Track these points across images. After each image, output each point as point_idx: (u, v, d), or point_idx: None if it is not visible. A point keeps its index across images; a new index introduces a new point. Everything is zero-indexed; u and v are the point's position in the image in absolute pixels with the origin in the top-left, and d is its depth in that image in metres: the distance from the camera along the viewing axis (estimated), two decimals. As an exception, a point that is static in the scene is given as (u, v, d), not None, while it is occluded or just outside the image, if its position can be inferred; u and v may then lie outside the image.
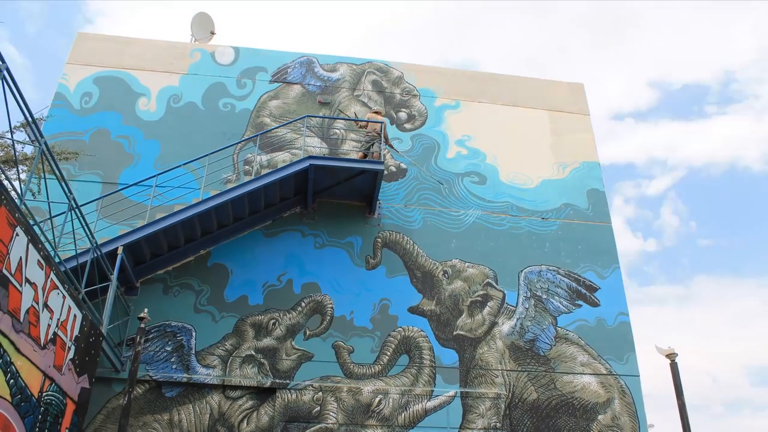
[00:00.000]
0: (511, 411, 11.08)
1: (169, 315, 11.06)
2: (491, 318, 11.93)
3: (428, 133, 13.93)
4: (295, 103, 13.87)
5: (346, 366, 11.09)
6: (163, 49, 14.15)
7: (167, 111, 13.32)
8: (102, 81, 13.47)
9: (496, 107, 14.62)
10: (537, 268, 12.63)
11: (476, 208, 13.12)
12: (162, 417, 10.30)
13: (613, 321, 12.29)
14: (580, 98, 15.13)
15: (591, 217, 13.44)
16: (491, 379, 11.33)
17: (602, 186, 13.92)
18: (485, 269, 12.43)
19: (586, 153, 14.31)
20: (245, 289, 11.52)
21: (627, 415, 11.37)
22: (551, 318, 12.13)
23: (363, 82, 14.41)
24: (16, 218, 6.16)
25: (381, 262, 12.19)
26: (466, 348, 11.59)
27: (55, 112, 12.83)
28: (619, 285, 12.72)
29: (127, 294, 11.01)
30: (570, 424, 11.10)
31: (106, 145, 12.65)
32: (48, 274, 7.05)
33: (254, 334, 11.13)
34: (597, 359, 11.82)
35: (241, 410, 10.53)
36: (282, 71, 14.26)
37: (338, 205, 12.64)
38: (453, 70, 15.13)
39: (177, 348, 10.83)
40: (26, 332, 6.53)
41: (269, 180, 11.25)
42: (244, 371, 10.78)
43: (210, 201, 10.88)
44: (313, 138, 13.37)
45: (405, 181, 13.20)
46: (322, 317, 11.45)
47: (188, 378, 10.58)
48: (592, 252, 12.99)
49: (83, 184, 11.91)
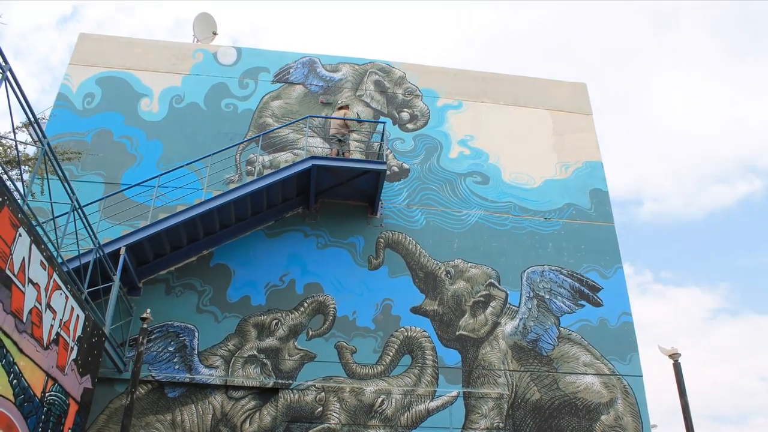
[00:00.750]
0: (513, 411, 11.06)
1: (171, 315, 11.07)
2: (494, 318, 11.91)
3: (431, 133, 13.92)
4: (297, 104, 13.86)
5: (349, 366, 11.08)
6: (165, 50, 14.16)
7: (170, 111, 13.33)
8: (104, 82, 13.48)
9: (499, 107, 14.60)
10: (540, 268, 12.61)
11: (479, 208, 13.10)
12: (164, 417, 10.30)
13: (616, 321, 12.26)
14: (583, 98, 15.11)
15: (594, 217, 13.41)
16: (494, 379, 11.31)
17: (605, 186, 13.89)
18: (488, 269, 12.41)
19: (588, 153, 14.28)
20: (248, 289, 11.52)
21: (630, 415, 11.35)
22: (554, 318, 12.11)
23: (365, 83, 14.40)
24: (19, 219, 6.16)
25: (383, 262, 12.19)
26: (469, 348, 11.58)
27: (58, 113, 12.85)
28: (622, 285, 12.69)
29: (129, 294, 11.01)
30: (573, 424, 11.08)
31: (109, 146, 12.66)
32: (51, 275, 7.05)
33: (257, 335, 11.13)
34: (600, 359, 11.80)
35: (244, 410, 10.53)
36: (284, 71, 14.26)
37: (341, 206, 12.64)
38: (455, 70, 15.11)
39: (179, 348, 10.83)
40: (29, 333, 6.54)
41: (272, 180, 11.25)
42: (246, 371, 10.78)
43: (212, 201, 10.88)
44: (315, 138, 13.37)
45: (407, 181, 13.19)
46: (325, 317, 11.45)
47: (191, 378, 10.58)
48: (595, 252, 12.97)
49: (86, 185, 11.92)
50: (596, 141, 14.47)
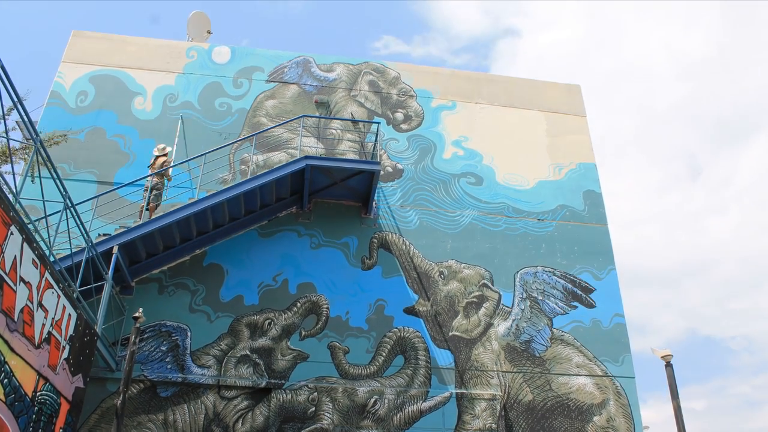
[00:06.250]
0: (506, 412, 11.08)
1: (164, 315, 11.02)
2: (487, 319, 11.93)
3: (425, 133, 13.92)
4: (291, 103, 13.84)
5: (342, 366, 11.06)
6: (159, 48, 14.10)
7: (163, 110, 13.27)
8: (98, 80, 13.41)
9: (493, 108, 14.62)
10: (533, 269, 12.64)
11: (472, 209, 13.12)
12: (157, 417, 10.25)
13: (608, 322, 12.30)
14: (577, 100, 15.14)
15: (587, 219, 13.45)
16: (487, 380, 11.33)
17: (598, 187, 13.93)
18: (481, 270, 12.43)
19: (582, 154, 14.32)
20: (241, 289, 11.49)
21: (622, 416, 11.39)
22: (547, 319, 12.13)
23: (359, 83, 14.39)
24: (10, 217, 6.12)
25: (377, 262, 12.18)
26: (462, 349, 11.59)
27: (51, 111, 12.77)
28: (615, 286, 12.73)
29: (122, 293, 10.97)
30: (565, 425, 11.10)
31: (102, 144, 12.60)
32: (42, 273, 7.01)
33: (249, 334, 11.10)
34: (592, 360, 11.83)
35: (236, 410, 10.49)
36: (278, 71, 14.23)
37: (334, 206, 12.63)
38: (450, 70, 15.13)
39: (172, 348, 10.79)
40: (20, 331, 6.50)
41: (265, 180, 11.22)
42: (239, 371, 10.75)
43: (205, 201, 10.85)
44: (309, 138, 13.34)
45: (401, 181, 13.19)
46: (318, 317, 11.43)
47: (183, 378, 10.54)
48: (588, 253, 13.00)
49: (78, 183, 11.86)
50: (590, 143, 14.51)
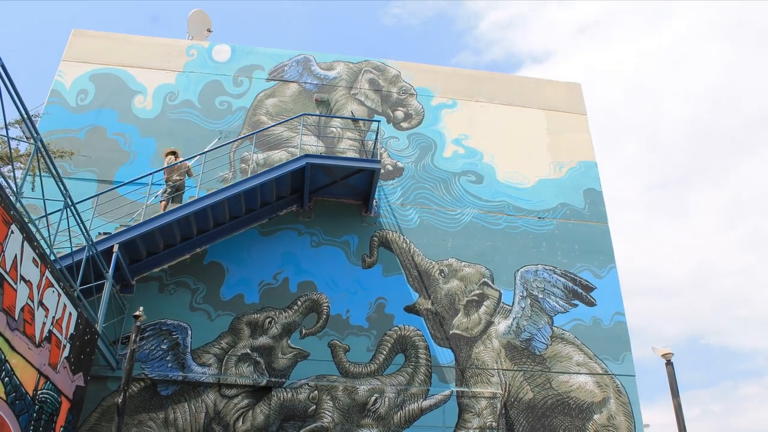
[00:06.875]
0: (507, 410, 11.08)
1: (164, 313, 11.03)
2: (487, 317, 11.93)
3: (425, 132, 13.91)
4: (291, 102, 13.83)
5: (342, 365, 11.07)
6: (159, 47, 14.10)
7: (163, 109, 13.27)
8: (98, 78, 13.41)
9: (494, 106, 14.61)
10: (533, 267, 12.64)
11: (473, 208, 13.11)
12: (157, 415, 10.26)
13: (609, 321, 12.30)
14: (578, 98, 15.13)
15: (587, 217, 13.45)
16: (487, 378, 11.33)
17: (599, 186, 13.93)
18: (481, 268, 12.43)
19: (582, 153, 14.31)
20: (241, 287, 11.49)
21: (623, 414, 11.39)
22: (547, 317, 12.14)
23: (360, 81, 14.38)
24: (11, 215, 6.12)
25: (377, 260, 12.18)
26: (462, 347, 11.59)
27: (51, 110, 12.77)
28: (616, 285, 12.73)
29: (122, 292, 10.97)
30: (566, 423, 11.11)
31: (102, 143, 12.60)
32: (43, 272, 7.02)
33: (250, 333, 11.11)
34: (593, 359, 11.84)
35: (237, 409, 10.50)
36: (279, 69, 14.22)
37: (335, 204, 12.62)
38: (450, 69, 15.11)
39: (172, 346, 10.80)
40: (21, 330, 6.50)
41: (265, 178, 11.22)
42: (239, 370, 10.75)
43: (206, 199, 10.85)
44: (309, 136, 13.34)
45: (402, 179, 13.18)
46: (318, 316, 11.43)
47: (184, 376, 10.55)
48: (589, 252, 13.00)
49: (79, 182, 11.86)
50: (590, 141, 14.50)
